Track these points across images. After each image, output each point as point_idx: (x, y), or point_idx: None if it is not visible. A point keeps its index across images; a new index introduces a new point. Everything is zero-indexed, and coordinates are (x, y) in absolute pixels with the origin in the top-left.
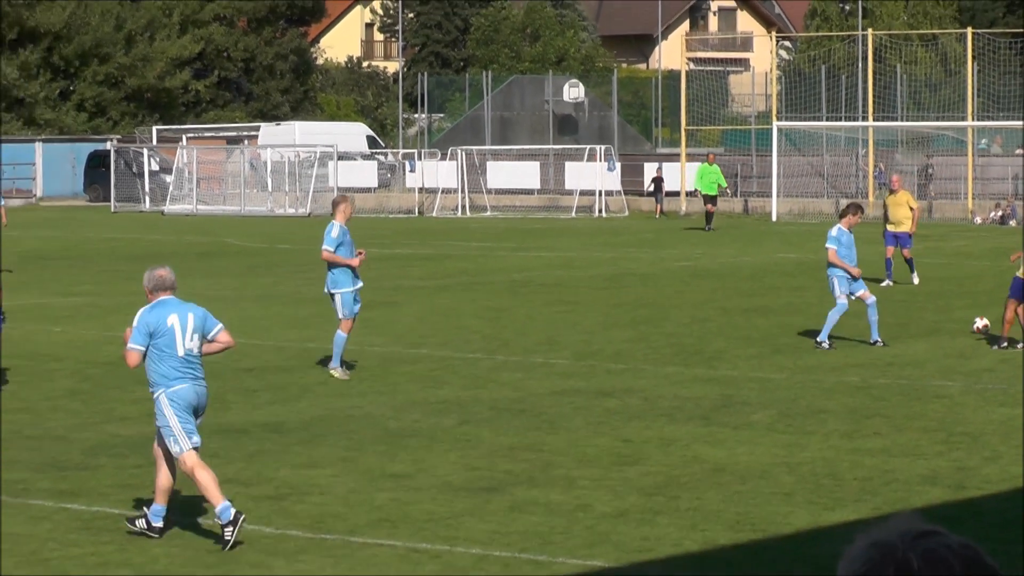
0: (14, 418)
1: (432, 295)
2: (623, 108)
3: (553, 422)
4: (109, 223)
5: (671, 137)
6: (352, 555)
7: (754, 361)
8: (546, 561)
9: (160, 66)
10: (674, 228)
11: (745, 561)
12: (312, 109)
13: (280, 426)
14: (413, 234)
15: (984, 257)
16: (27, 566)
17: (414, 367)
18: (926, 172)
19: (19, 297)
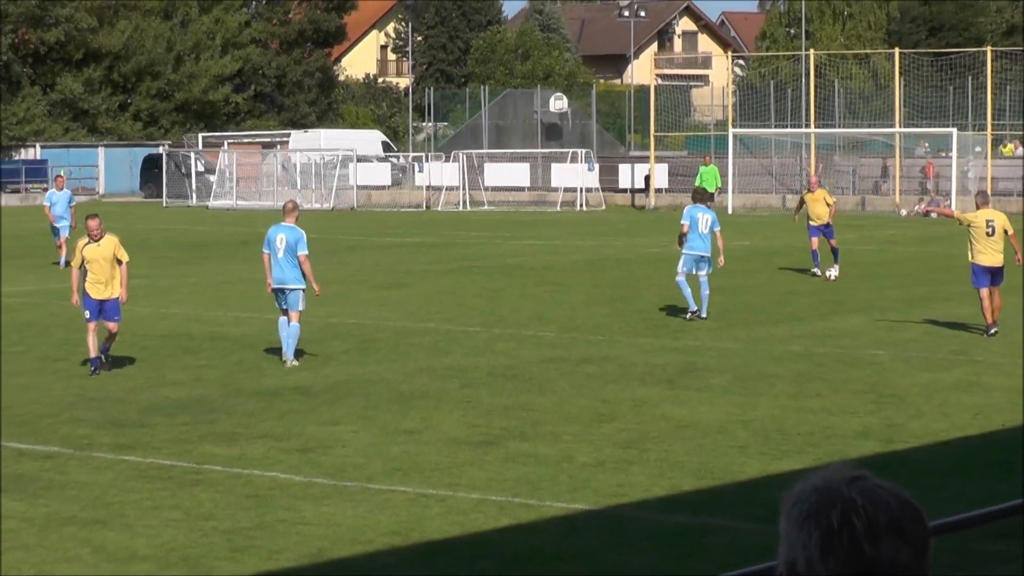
0: (81, 383)
1: (438, 277)
2: (601, 117)
3: (541, 385)
4: (161, 216)
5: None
6: (369, 500)
7: (713, 333)
8: (536, 504)
9: (205, 82)
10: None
11: (706, 504)
12: (335, 119)
13: (307, 389)
14: (421, 225)
15: (910, 244)
16: (92, 509)
17: (422, 339)
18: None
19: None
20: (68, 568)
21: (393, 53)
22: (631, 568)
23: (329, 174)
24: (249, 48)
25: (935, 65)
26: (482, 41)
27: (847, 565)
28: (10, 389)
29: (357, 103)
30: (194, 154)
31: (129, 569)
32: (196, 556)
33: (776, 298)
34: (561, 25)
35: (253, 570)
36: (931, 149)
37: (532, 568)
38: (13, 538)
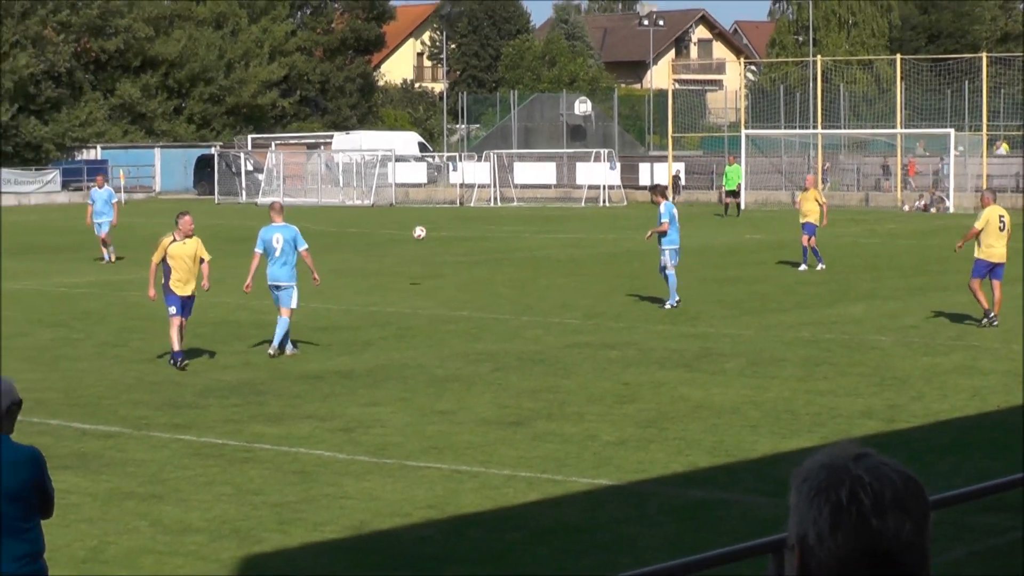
0: (139, 367)
1: (470, 268)
2: (622, 119)
3: (567, 369)
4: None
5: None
6: (407, 476)
7: (727, 320)
8: (562, 480)
9: (253, 87)
10: None
11: (721, 479)
12: (374, 121)
13: (349, 373)
14: (455, 220)
15: (910, 237)
16: (149, 484)
17: (456, 326)
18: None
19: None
20: (128, 539)
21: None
22: (651, 539)
23: (369, 173)
24: (295, 55)
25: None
26: (512, 49)
27: (855, 538)
28: (73, 373)
29: (395, 106)
30: (243, 154)
31: (184, 540)
32: (246, 528)
33: (785, 288)
34: (585, 33)
35: (299, 541)
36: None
37: (558, 539)
38: (77, 512)
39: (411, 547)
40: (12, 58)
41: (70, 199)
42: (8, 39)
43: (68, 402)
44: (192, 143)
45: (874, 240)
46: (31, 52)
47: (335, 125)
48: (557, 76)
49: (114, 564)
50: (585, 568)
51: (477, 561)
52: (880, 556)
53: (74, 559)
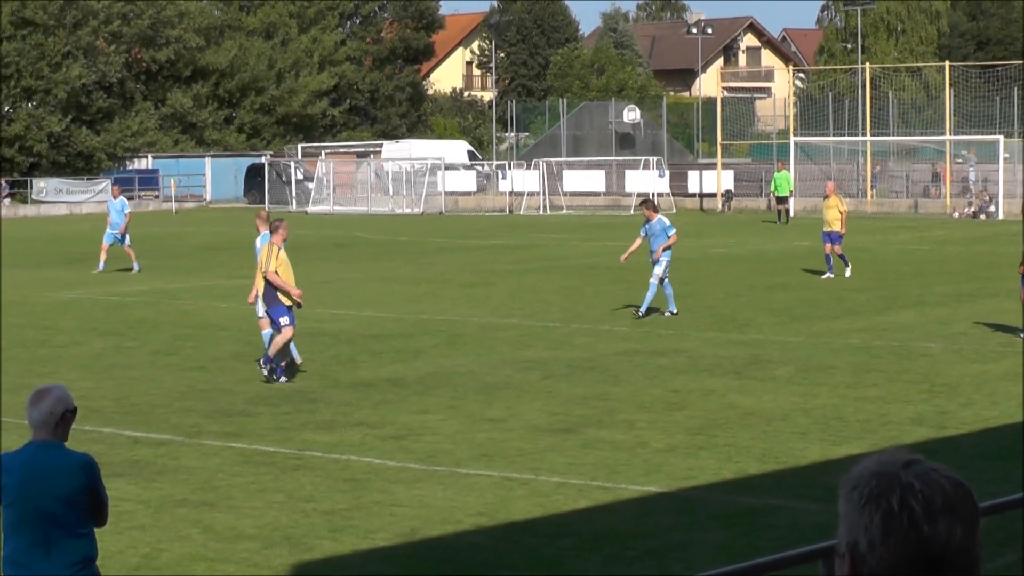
0: (191, 375)
1: (520, 276)
2: (671, 127)
3: (617, 376)
4: None
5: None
6: (458, 482)
7: (776, 327)
8: (612, 487)
9: (303, 96)
10: (713, 222)
11: (770, 486)
12: (424, 130)
13: (400, 380)
14: (504, 228)
15: (959, 244)
16: (201, 492)
17: (506, 333)
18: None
19: (192, 279)
20: (180, 547)
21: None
22: (700, 546)
23: (419, 181)
24: (344, 65)
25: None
26: (560, 57)
27: (906, 545)
28: (126, 381)
29: (445, 115)
30: (294, 163)
31: (236, 547)
32: (298, 535)
33: (835, 295)
34: (634, 42)
35: (351, 548)
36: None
37: (609, 546)
38: (130, 519)
39: (462, 554)
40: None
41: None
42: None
43: (121, 410)
44: (242, 152)
45: (923, 247)
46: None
47: (385, 134)
48: (606, 84)
49: (166, 571)
50: (636, 574)
51: (528, 568)
52: (931, 563)
53: (127, 566)
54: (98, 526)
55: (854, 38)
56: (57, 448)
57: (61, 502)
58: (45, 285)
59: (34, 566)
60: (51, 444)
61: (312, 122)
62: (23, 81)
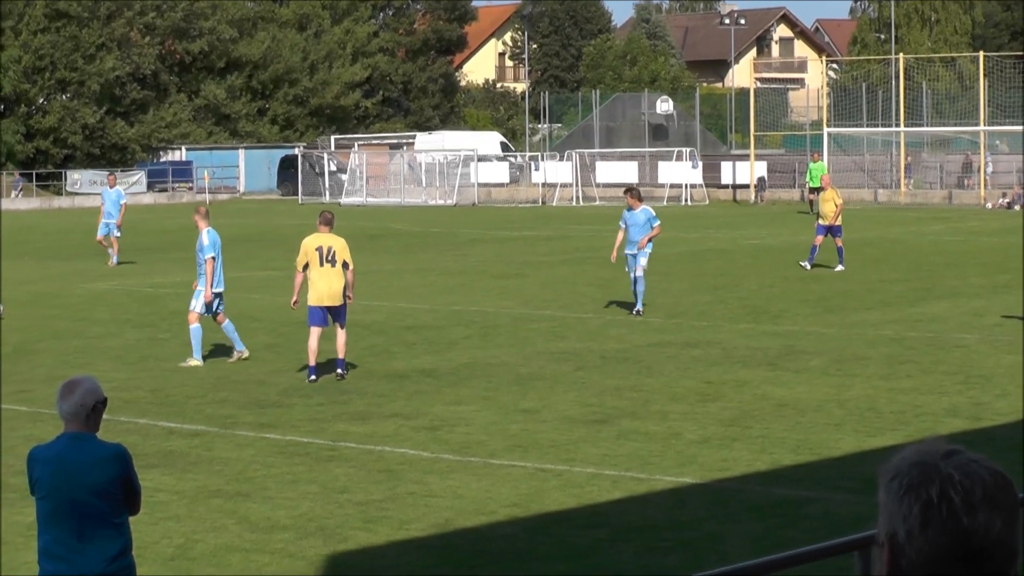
0: (225, 367)
1: (553, 267)
2: (704, 118)
3: (650, 367)
4: (297, 212)
5: (742, 141)
6: (492, 473)
7: (810, 318)
8: (646, 478)
9: (336, 88)
10: (746, 213)
11: (804, 477)
12: (457, 121)
13: (433, 371)
14: (538, 219)
15: (994, 235)
16: (236, 483)
17: (539, 324)
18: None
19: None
20: (215, 537)
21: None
22: (734, 537)
23: (452, 173)
24: (377, 56)
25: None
26: (593, 48)
27: (945, 536)
28: (160, 372)
29: (477, 107)
30: (327, 155)
31: (271, 538)
32: (332, 526)
33: (868, 286)
34: (666, 33)
35: (385, 539)
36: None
37: (642, 537)
38: (164, 509)
39: (496, 545)
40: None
41: (155, 200)
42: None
43: (155, 401)
44: (276, 144)
45: (957, 238)
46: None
47: (418, 125)
48: (638, 75)
49: (201, 561)
50: (669, 566)
51: (561, 559)
52: (971, 553)
53: (162, 556)
54: (131, 515)
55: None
56: (89, 440)
57: (95, 493)
58: (79, 277)
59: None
60: (83, 436)
61: (345, 113)
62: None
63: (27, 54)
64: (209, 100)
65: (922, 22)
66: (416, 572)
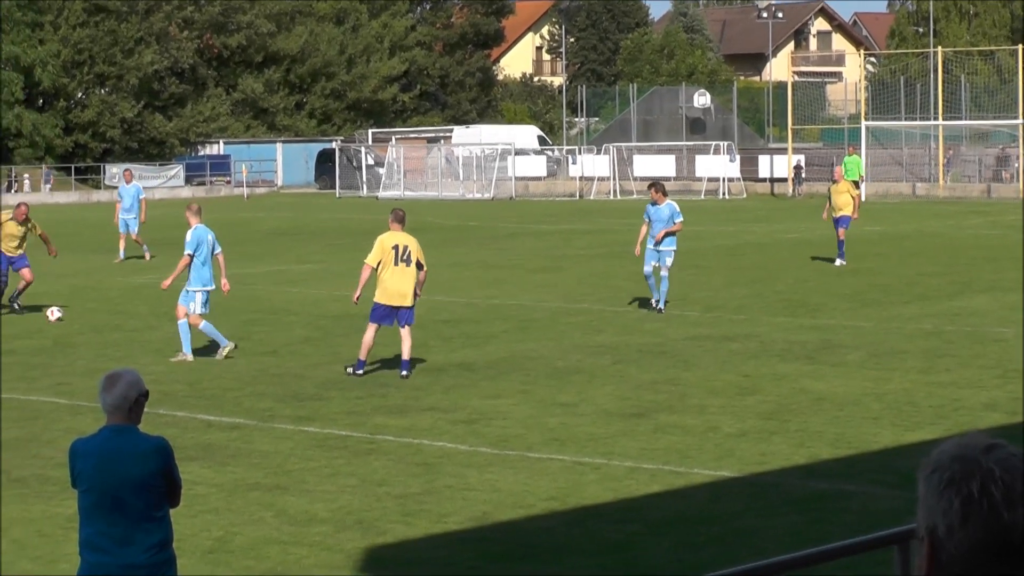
0: (262, 360)
1: (590, 261)
2: (741, 112)
3: (687, 361)
4: (334, 206)
5: (780, 135)
6: (530, 467)
7: (848, 312)
8: (684, 472)
9: (374, 82)
10: (784, 207)
11: (842, 471)
12: (494, 115)
13: (471, 365)
14: (575, 213)
15: None
16: (274, 476)
17: (577, 318)
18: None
19: (263, 265)
20: (253, 530)
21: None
22: (772, 531)
23: (489, 166)
24: (415, 50)
25: None
26: (630, 42)
27: (986, 531)
28: (198, 365)
29: (515, 100)
30: (364, 149)
31: (309, 531)
32: (370, 519)
33: (906, 279)
34: (704, 26)
35: (423, 532)
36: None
37: (680, 531)
38: (203, 502)
39: (533, 538)
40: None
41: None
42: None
43: (194, 394)
44: (313, 138)
45: (996, 232)
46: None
47: (455, 119)
48: (676, 69)
49: (240, 554)
50: (707, 559)
51: (599, 552)
52: (1010, 549)
53: (200, 549)
54: (172, 508)
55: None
56: (131, 432)
57: (136, 486)
58: (117, 270)
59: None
60: (125, 428)
61: (382, 107)
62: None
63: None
64: (247, 94)
65: (960, 15)
66: (454, 565)
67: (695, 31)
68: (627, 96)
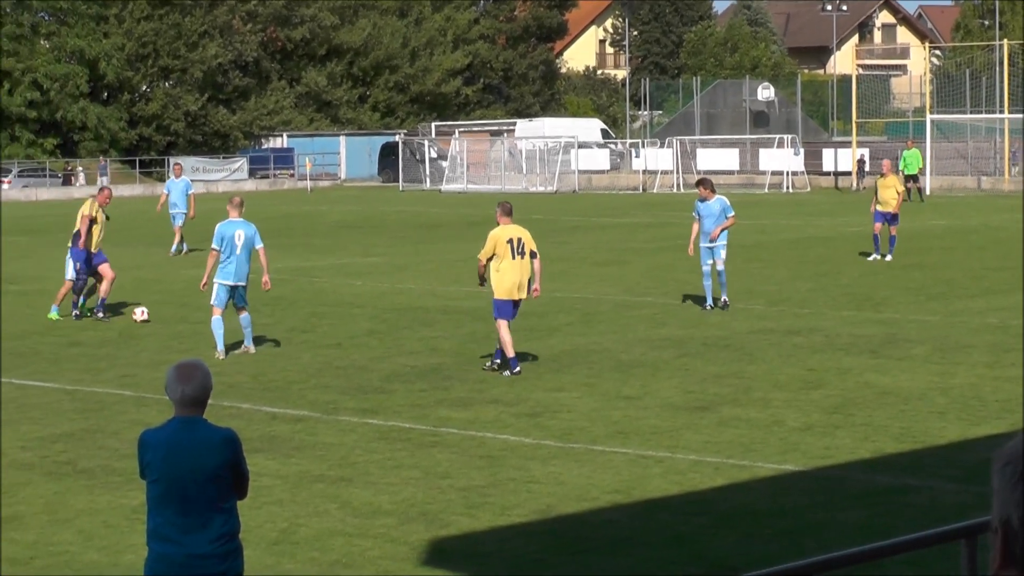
0: (326, 352)
1: (654, 255)
2: (805, 105)
3: (752, 355)
4: (398, 199)
5: (844, 128)
6: (593, 460)
7: (913, 306)
8: (748, 465)
9: (437, 75)
10: (848, 200)
11: (907, 465)
12: (557, 108)
13: (535, 358)
14: (638, 207)
15: None
16: (338, 468)
17: (640, 311)
18: None
19: (327, 258)
20: (318, 521)
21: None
22: (837, 525)
23: (552, 160)
24: (478, 44)
25: None
26: (694, 35)
27: None
28: (263, 358)
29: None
30: (427, 142)
31: (373, 523)
32: (434, 511)
33: (972, 273)
34: (768, 19)
35: (487, 525)
36: None
37: (745, 524)
38: (268, 494)
39: (598, 531)
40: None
41: (257, 187)
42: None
43: (258, 386)
44: (377, 131)
45: None
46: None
47: (518, 112)
48: (739, 62)
49: (304, 546)
50: (771, 553)
51: (663, 545)
52: None
53: (265, 540)
54: (239, 499)
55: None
56: (200, 424)
57: (205, 477)
58: (182, 263)
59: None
60: (195, 420)
61: (446, 100)
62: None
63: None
64: (310, 87)
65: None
66: (518, 558)
67: (759, 24)
68: (690, 89)
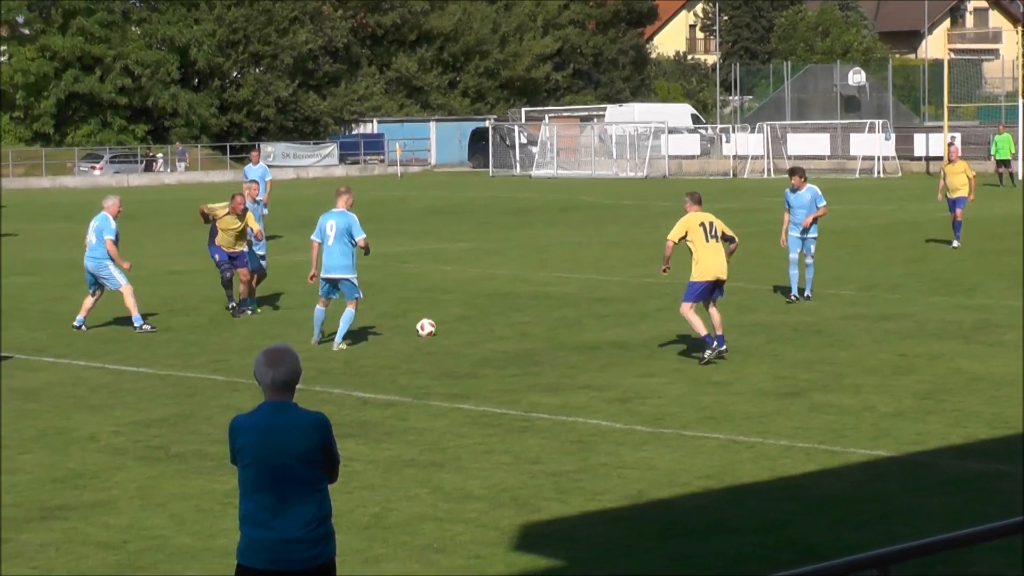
0: (417, 338)
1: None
2: (896, 90)
3: (843, 340)
4: (488, 185)
5: (935, 113)
6: (684, 445)
7: (1005, 291)
8: (840, 451)
9: (527, 60)
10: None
11: (1000, 451)
12: (647, 93)
13: (625, 343)
14: (728, 192)
15: None
16: (429, 452)
17: (731, 297)
18: None
19: (418, 243)
20: (409, 506)
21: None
22: (927, 510)
23: (642, 145)
24: (568, 29)
25: None
26: (784, 19)
27: None
28: (354, 343)
29: (668, 79)
30: (518, 127)
31: (464, 508)
32: (525, 496)
33: None
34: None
35: (578, 510)
36: None
37: (836, 510)
38: (359, 479)
39: (689, 516)
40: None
41: (347, 172)
42: (288, 15)
43: (349, 372)
44: (467, 116)
45: None
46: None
47: (608, 98)
48: (830, 47)
49: (395, 530)
50: (863, 539)
51: (755, 531)
52: None
53: (357, 524)
54: (330, 483)
55: None
56: (291, 408)
57: (298, 461)
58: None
59: (271, 523)
60: (286, 404)
61: (536, 86)
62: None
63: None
64: (400, 73)
65: None
66: (609, 542)
67: (850, 8)
68: (781, 74)
